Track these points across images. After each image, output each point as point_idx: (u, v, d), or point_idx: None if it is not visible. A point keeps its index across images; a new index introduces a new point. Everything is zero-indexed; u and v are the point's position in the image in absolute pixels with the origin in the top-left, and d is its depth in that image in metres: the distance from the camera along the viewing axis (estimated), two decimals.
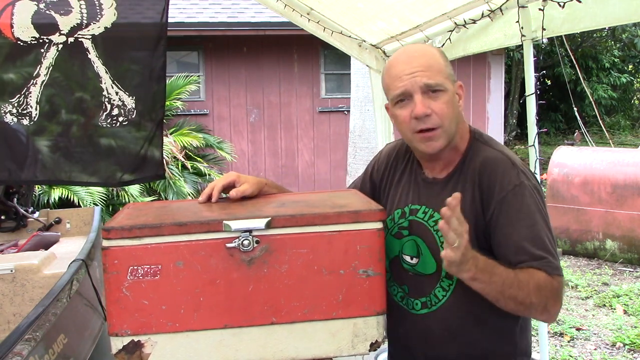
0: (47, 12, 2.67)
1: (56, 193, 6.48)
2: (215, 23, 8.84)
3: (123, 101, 2.77)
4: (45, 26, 2.67)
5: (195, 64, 9.37)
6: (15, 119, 2.70)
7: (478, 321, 1.45)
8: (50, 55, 2.69)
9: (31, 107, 2.71)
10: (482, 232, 1.43)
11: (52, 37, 2.68)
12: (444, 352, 1.53)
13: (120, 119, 2.79)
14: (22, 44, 2.66)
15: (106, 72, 2.74)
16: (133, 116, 2.81)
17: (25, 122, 2.73)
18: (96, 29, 2.71)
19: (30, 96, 2.70)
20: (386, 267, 1.59)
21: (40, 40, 2.67)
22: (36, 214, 3.83)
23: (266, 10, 7.67)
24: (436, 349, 1.53)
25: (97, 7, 2.70)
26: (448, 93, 1.44)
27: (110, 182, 2.96)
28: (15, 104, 2.69)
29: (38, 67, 2.69)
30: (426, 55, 1.46)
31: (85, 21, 2.70)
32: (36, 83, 2.70)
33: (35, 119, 2.72)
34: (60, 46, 2.70)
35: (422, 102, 1.41)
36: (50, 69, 2.69)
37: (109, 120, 2.78)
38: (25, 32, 2.65)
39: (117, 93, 2.76)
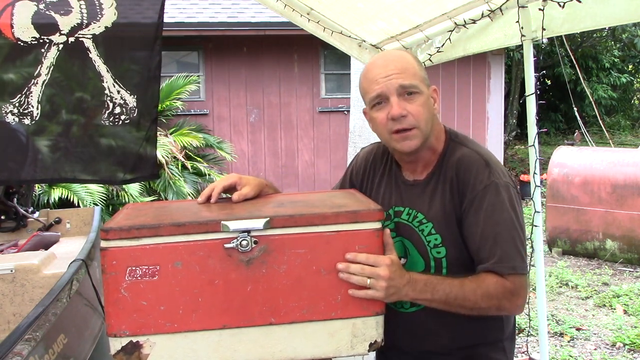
0: (47, 12, 2.66)
1: (56, 193, 6.47)
2: (215, 23, 8.83)
3: (125, 99, 2.78)
4: (45, 26, 2.67)
5: (195, 64, 9.36)
6: (16, 119, 2.70)
7: None
8: (51, 55, 2.68)
9: (32, 106, 2.70)
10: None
11: (52, 37, 2.68)
12: (434, 347, 1.57)
13: (123, 117, 2.79)
14: (22, 44, 2.66)
15: (107, 71, 2.74)
16: (134, 114, 2.82)
17: (27, 121, 2.72)
18: (97, 28, 2.71)
19: (32, 96, 2.69)
20: None
21: (41, 41, 2.67)
22: (36, 214, 3.82)
23: (266, 10, 7.67)
24: (427, 345, 1.57)
25: (97, 7, 2.70)
26: (423, 95, 1.49)
27: (112, 181, 2.97)
28: (17, 104, 2.69)
29: (39, 67, 2.68)
30: (401, 59, 1.52)
31: (85, 21, 2.70)
32: (37, 83, 2.70)
33: (37, 119, 2.72)
34: (61, 46, 2.69)
35: (398, 104, 1.46)
36: (51, 68, 2.69)
37: (111, 119, 2.79)
38: (25, 32, 2.65)
39: (119, 92, 2.77)
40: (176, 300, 1.28)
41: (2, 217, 3.62)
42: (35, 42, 2.67)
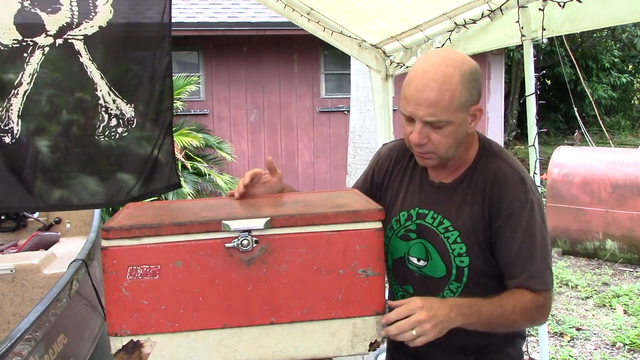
0: (32, 10, 2.34)
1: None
2: (215, 23, 8.83)
3: (121, 109, 2.49)
4: (29, 27, 2.33)
5: (195, 64, 9.36)
6: None
7: None
8: (35, 61, 2.35)
9: (12, 122, 2.36)
10: (489, 241, 1.49)
11: (37, 39, 2.34)
12: (447, 345, 1.53)
13: (120, 129, 2.49)
14: (2, 47, 2.32)
15: (102, 77, 2.45)
16: (134, 125, 2.50)
17: (7, 139, 2.36)
18: (89, 28, 2.40)
19: (12, 109, 2.36)
20: (389, 266, 1.63)
21: (23, 44, 2.33)
22: (36, 214, 3.82)
23: (266, 10, 7.67)
24: (440, 341, 1.55)
25: (91, 4, 2.39)
26: (452, 125, 1.42)
27: (115, 201, 2.59)
28: None
29: (20, 75, 2.34)
30: (441, 88, 1.38)
31: (76, 20, 2.38)
32: (17, 94, 2.35)
33: (17, 136, 2.37)
34: (47, 49, 2.36)
35: (420, 132, 1.42)
36: (35, 76, 2.35)
37: (107, 133, 2.48)
38: (6, 34, 2.31)
39: (114, 101, 2.47)
40: (177, 299, 1.28)
41: (2, 217, 3.62)
42: (17, 45, 2.33)
